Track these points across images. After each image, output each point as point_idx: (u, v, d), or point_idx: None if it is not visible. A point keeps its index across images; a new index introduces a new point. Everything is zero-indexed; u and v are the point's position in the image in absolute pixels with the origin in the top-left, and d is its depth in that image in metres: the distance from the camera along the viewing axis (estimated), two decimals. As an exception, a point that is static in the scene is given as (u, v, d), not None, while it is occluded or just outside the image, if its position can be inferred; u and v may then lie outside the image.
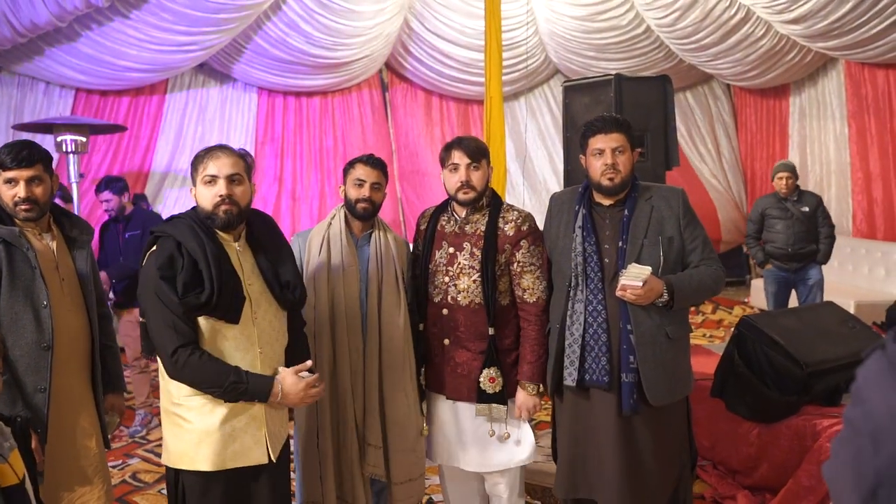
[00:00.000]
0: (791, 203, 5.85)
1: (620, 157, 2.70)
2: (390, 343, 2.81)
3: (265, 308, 2.37)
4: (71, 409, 2.56)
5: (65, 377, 2.52)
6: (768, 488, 3.62)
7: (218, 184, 2.30)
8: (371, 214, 2.87)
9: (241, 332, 2.30)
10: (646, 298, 2.59)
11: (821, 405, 3.60)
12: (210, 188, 2.31)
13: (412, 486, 2.87)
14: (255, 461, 2.31)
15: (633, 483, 2.69)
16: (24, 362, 2.39)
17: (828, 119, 8.62)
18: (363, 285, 2.83)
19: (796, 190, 5.91)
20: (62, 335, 2.49)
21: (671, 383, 2.70)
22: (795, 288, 5.95)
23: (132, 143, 8.03)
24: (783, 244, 5.82)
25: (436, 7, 8.72)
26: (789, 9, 7.22)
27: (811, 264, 5.86)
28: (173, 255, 2.24)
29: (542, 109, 10.03)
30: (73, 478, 2.54)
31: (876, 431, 0.95)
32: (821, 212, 5.88)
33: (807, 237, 5.80)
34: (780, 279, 5.94)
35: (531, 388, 2.78)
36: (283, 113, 8.95)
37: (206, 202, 2.31)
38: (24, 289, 2.43)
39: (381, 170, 2.89)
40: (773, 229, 5.89)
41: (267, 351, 2.36)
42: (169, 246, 2.26)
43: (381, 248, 2.85)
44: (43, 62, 7.14)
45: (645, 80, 5.14)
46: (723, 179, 10.00)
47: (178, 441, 2.32)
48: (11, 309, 2.41)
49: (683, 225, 2.73)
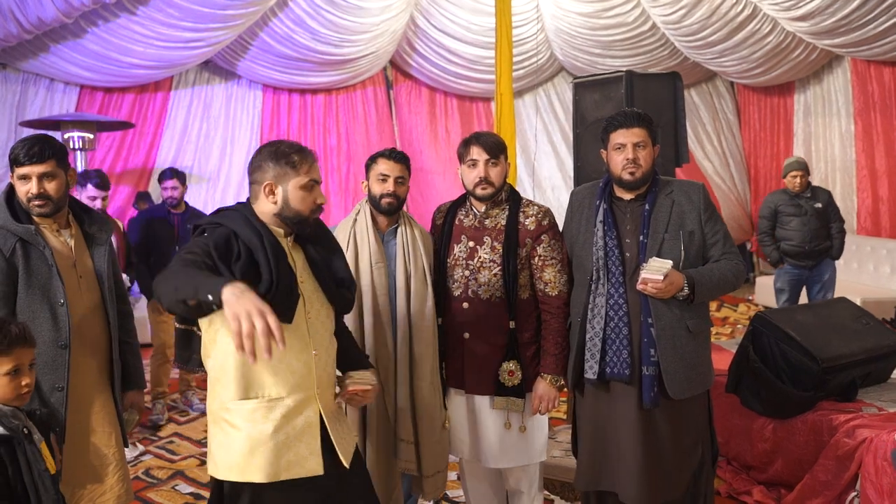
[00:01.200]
0: (804, 200, 5.80)
1: (641, 151, 2.71)
2: (420, 336, 2.80)
3: (317, 308, 2.23)
4: (89, 408, 2.55)
5: (82, 375, 2.50)
6: (783, 483, 3.62)
7: (315, 190, 2.21)
8: (396, 209, 2.85)
9: (295, 332, 2.12)
10: (666, 292, 2.61)
11: (836, 401, 3.61)
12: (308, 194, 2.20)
13: (440, 477, 2.88)
14: (310, 472, 2.13)
15: (653, 476, 2.69)
16: (42, 361, 2.35)
17: (833, 116, 8.62)
18: (391, 280, 2.82)
19: (808, 186, 5.87)
20: (80, 333, 2.48)
21: (691, 377, 2.70)
22: (807, 285, 5.92)
23: (136, 140, 8.03)
24: (800, 241, 5.76)
25: (442, 4, 8.72)
26: (796, 6, 7.23)
27: (825, 261, 5.82)
28: (230, 240, 2.09)
29: (546, 107, 10.03)
30: (90, 476, 2.53)
31: None
32: (831, 207, 5.86)
33: (821, 233, 5.76)
34: (795, 276, 5.90)
35: (552, 380, 2.79)
36: (288, 110, 8.94)
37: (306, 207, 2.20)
38: (41, 287, 2.42)
39: (405, 163, 2.87)
40: (788, 226, 5.81)
41: (322, 354, 2.22)
42: (224, 232, 2.11)
43: (409, 243, 2.84)
44: (48, 59, 7.14)
45: (655, 77, 5.13)
46: (727, 177, 10.01)
47: (226, 451, 2.13)
48: (28, 307, 2.40)
49: (705, 219, 2.73)
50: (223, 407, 2.15)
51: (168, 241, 5.05)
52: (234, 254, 2.07)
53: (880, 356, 3.80)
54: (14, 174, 2.48)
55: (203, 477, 4.13)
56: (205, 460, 4.34)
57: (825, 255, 5.81)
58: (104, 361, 2.61)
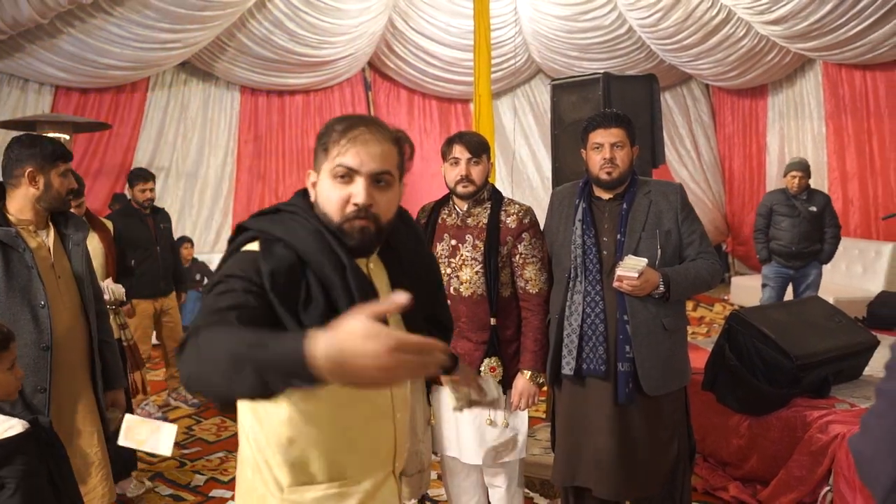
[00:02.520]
0: (800, 202, 5.87)
1: (619, 151, 2.76)
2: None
3: None
4: (71, 409, 2.55)
5: (64, 376, 2.51)
6: (759, 479, 3.68)
7: (356, 182, 1.51)
8: None
9: (371, 392, 1.56)
10: (642, 290, 2.66)
11: (810, 397, 3.68)
12: (343, 187, 1.51)
13: (421, 477, 2.89)
14: None
15: (626, 471, 2.73)
16: (24, 363, 2.36)
17: (805, 119, 8.76)
18: None
19: (807, 189, 5.94)
20: (61, 334, 2.48)
21: (666, 373, 2.75)
22: (794, 285, 6.01)
23: (113, 141, 7.95)
24: (788, 242, 5.85)
25: (420, 6, 8.74)
26: (770, 10, 7.34)
27: (813, 263, 5.89)
28: (295, 268, 1.46)
29: (524, 109, 10.09)
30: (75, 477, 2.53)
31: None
32: (829, 212, 5.90)
33: (811, 236, 5.83)
34: (781, 276, 5.99)
35: (532, 376, 2.82)
36: (266, 112, 8.91)
37: (334, 209, 1.52)
38: (21, 289, 2.42)
39: None
40: (779, 226, 5.90)
41: (404, 415, 1.69)
42: (283, 255, 1.46)
43: None
44: (23, 59, 7.04)
45: (632, 79, 5.19)
46: (702, 180, 10.12)
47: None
48: (9, 310, 2.40)
49: (681, 219, 2.78)
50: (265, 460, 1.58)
51: (148, 241, 5.14)
52: (301, 290, 1.46)
53: (852, 353, 3.88)
54: (55, 169, 2.54)
55: (182, 479, 4.11)
56: (184, 462, 4.33)
57: (813, 258, 5.88)
58: (85, 361, 2.62)
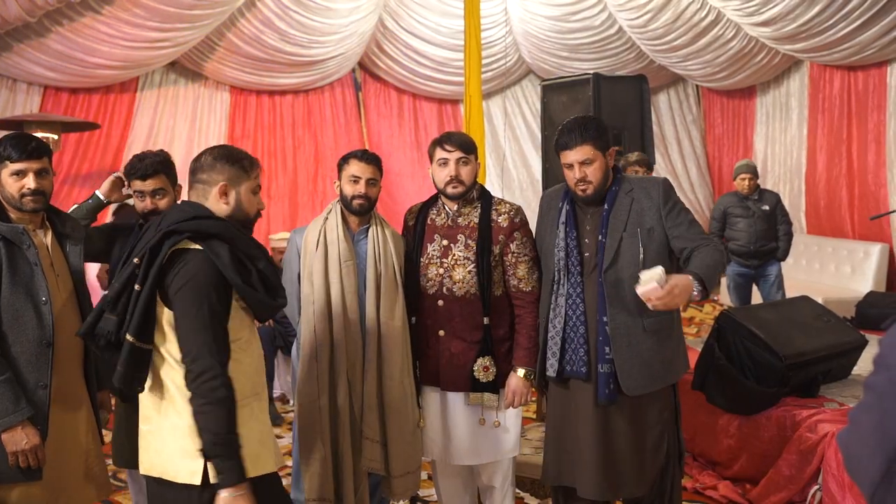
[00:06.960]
0: (752, 202, 6.02)
1: (589, 168, 2.70)
2: (389, 337, 2.82)
3: None
4: (70, 406, 2.57)
5: (64, 373, 2.53)
6: (749, 479, 3.70)
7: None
8: (367, 210, 2.89)
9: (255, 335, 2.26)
10: (674, 296, 2.43)
11: (799, 396, 3.70)
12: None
13: (410, 478, 2.88)
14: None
15: (609, 470, 2.74)
16: (26, 359, 2.41)
17: (790, 120, 8.81)
18: (361, 278, 2.85)
19: (757, 189, 6.09)
20: (61, 331, 2.50)
21: (648, 374, 2.72)
22: (757, 284, 6.15)
23: (103, 141, 7.90)
24: (745, 242, 5.98)
25: (411, 6, 8.73)
26: (759, 11, 7.37)
27: (771, 261, 6.04)
28: (240, 258, 2.11)
29: (514, 109, 10.08)
30: (72, 474, 2.54)
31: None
32: (779, 209, 6.07)
33: (767, 235, 5.98)
34: (742, 276, 6.13)
35: (525, 373, 2.83)
36: (256, 111, 8.87)
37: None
38: (25, 285, 2.44)
39: (377, 165, 2.90)
40: (735, 227, 6.05)
41: None
42: (224, 251, 2.09)
43: (380, 242, 2.86)
44: (11, 59, 6.99)
45: (622, 80, 5.22)
46: (691, 181, 10.14)
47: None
48: (12, 306, 2.42)
49: (665, 213, 2.73)
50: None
51: None
52: (251, 271, 2.11)
53: (841, 353, 3.90)
54: (5, 170, 2.47)
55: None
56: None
57: (771, 255, 6.03)
58: (81, 359, 2.64)
